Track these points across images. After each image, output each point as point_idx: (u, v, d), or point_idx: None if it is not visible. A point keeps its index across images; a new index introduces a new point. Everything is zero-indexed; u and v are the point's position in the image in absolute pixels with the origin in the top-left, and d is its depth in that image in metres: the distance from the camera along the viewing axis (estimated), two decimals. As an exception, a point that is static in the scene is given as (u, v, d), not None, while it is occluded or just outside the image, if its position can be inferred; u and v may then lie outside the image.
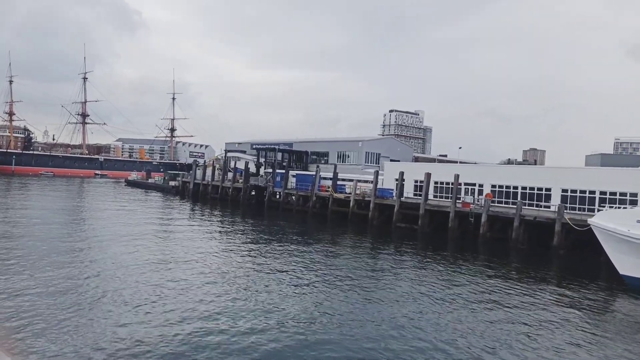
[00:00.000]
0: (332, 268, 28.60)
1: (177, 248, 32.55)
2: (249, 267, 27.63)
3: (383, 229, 48.16)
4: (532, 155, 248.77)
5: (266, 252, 32.77)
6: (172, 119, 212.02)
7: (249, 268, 27.26)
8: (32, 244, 30.47)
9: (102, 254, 28.60)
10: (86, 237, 34.88)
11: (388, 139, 73.83)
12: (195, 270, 25.80)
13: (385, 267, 30.14)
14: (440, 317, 19.84)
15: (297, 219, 56.38)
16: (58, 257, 26.76)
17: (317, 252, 34.41)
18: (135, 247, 31.82)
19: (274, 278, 25.19)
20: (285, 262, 29.80)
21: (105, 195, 79.43)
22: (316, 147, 76.95)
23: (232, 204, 70.14)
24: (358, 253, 35.22)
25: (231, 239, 38.77)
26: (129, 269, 25.22)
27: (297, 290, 22.82)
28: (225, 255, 31.19)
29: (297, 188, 61.35)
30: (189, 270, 25.74)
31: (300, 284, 24.25)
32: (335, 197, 55.03)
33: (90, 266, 25.26)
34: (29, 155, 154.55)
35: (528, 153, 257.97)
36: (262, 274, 25.88)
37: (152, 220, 48.35)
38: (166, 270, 25.57)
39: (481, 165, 49.41)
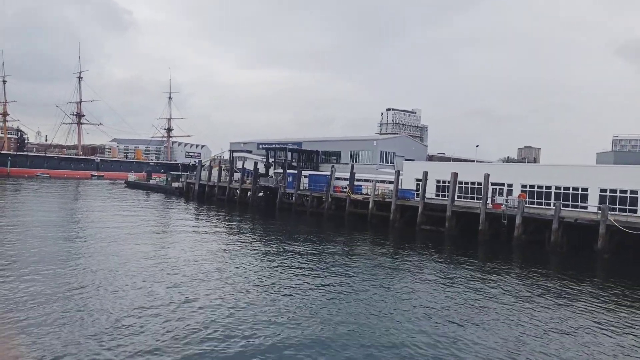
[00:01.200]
0: (354, 274, 26.92)
1: (190, 254, 30.60)
2: (267, 272, 26.29)
3: (406, 232, 45.97)
4: (528, 153, 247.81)
5: (284, 257, 31.07)
6: (169, 119, 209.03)
7: (267, 273, 25.91)
8: (43, 252, 28.51)
9: (111, 261, 26.84)
10: (93, 243, 32.69)
11: (402, 137, 71.61)
12: (212, 278, 24.27)
13: (413, 272, 28.43)
14: (482, 336, 17.51)
15: (312, 221, 54.10)
16: (67, 266, 25.03)
17: (337, 256, 32.58)
18: (147, 253, 30.07)
19: (295, 285, 23.69)
20: (307, 267, 28.24)
21: (107, 198, 76.72)
22: (327, 146, 74.53)
23: (241, 205, 67.75)
24: (382, 257, 33.25)
25: (245, 243, 36.75)
26: (143, 276, 23.72)
27: (321, 300, 21.31)
28: (241, 259, 29.56)
29: (310, 189, 58.90)
30: (204, 278, 24.16)
31: (325, 292, 22.67)
32: (353, 199, 52.65)
33: (101, 275, 23.58)
34: (24, 157, 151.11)
35: (523, 151, 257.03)
36: (280, 280, 24.48)
37: (160, 224, 46.35)
38: (180, 277, 24.08)
39: (511, 164, 47.18)
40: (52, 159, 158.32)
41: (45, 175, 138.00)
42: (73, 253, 28.57)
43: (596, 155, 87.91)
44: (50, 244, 31.28)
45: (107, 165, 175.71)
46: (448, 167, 49.43)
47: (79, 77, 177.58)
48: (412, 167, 52.04)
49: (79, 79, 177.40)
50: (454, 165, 50.34)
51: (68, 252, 28.85)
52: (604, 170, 39.09)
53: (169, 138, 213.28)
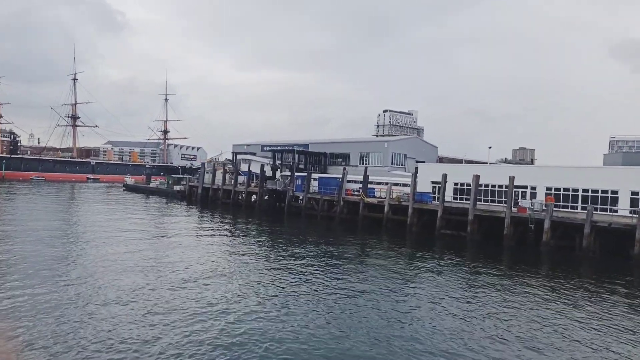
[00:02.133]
0: (372, 281, 25.76)
1: (199, 261, 29.43)
2: (280, 279, 25.36)
3: (424, 236, 44.38)
4: (522, 154, 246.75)
5: (298, 263, 29.92)
6: (165, 121, 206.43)
7: (281, 280, 24.98)
8: (44, 260, 27.18)
9: (116, 271, 25.50)
10: (97, 252, 31.18)
11: (413, 139, 69.96)
12: (223, 287, 23.21)
13: (436, 280, 27.11)
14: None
15: (323, 225, 52.38)
16: (74, 276, 23.69)
17: (353, 262, 31.34)
18: (154, 259, 28.85)
19: (311, 294, 22.64)
20: (322, 274, 27.17)
21: (107, 202, 74.61)
22: (335, 148, 72.71)
23: (247, 209, 65.80)
24: (400, 263, 32.03)
25: (256, 249, 35.50)
26: (152, 286, 22.57)
27: (337, 311, 20.15)
28: (254, 266, 28.64)
29: (321, 192, 57.07)
30: (216, 287, 23.09)
31: (342, 302, 21.52)
32: (367, 202, 50.90)
33: (108, 285, 22.34)
34: (18, 160, 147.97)
35: (518, 152, 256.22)
36: (295, 288, 23.44)
37: (165, 229, 44.82)
38: (195, 286, 23.01)
39: (535, 166, 45.65)
40: (47, 162, 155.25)
41: (41, 178, 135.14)
42: (76, 262, 27.24)
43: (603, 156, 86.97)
44: (52, 251, 29.91)
45: (102, 168, 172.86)
46: (467, 169, 47.85)
47: (73, 79, 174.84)
48: (428, 170, 50.41)
49: (73, 81, 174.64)
50: (473, 168, 48.78)
51: (70, 259, 27.62)
52: (635, 172, 37.58)
53: (165, 140, 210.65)
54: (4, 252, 29.28)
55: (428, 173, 49.87)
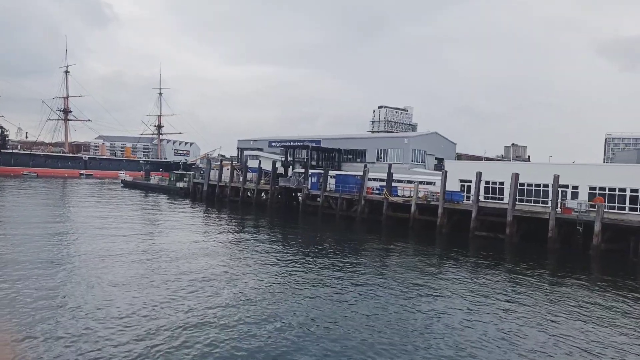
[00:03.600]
0: (401, 287, 23.65)
1: (215, 264, 27.13)
2: (300, 283, 23.61)
3: (456, 238, 41.81)
4: (514, 151, 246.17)
5: (319, 266, 27.90)
6: (159, 115, 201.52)
7: (300, 285, 23.28)
8: (47, 264, 24.73)
9: (127, 278, 22.95)
10: (107, 252, 28.74)
11: (433, 135, 67.13)
12: (240, 293, 21.25)
13: (474, 287, 24.69)
14: None
15: (342, 225, 49.62)
16: (85, 281, 21.12)
17: (381, 266, 29.37)
18: (168, 265, 26.31)
19: (335, 301, 20.75)
20: (345, 278, 25.17)
21: (106, 200, 71.13)
22: (350, 144, 69.72)
23: (257, 208, 62.60)
24: (432, 267, 29.86)
25: (275, 251, 32.95)
26: (167, 293, 20.51)
27: (362, 320, 18.32)
28: (273, 269, 26.66)
29: (339, 190, 54.13)
30: (235, 292, 21.19)
31: (369, 310, 19.56)
32: (392, 201, 48.06)
33: (123, 292, 20.07)
34: (8, 155, 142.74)
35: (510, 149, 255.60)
36: (316, 295, 21.53)
37: (178, 230, 41.80)
38: (204, 289, 21.26)
39: (578, 164, 43.09)
40: (38, 157, 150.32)
41: (32, 174, 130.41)
42: (77, 266, 24.92)
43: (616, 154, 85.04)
44: (55, 255, 27.38)
45: (95, 163, 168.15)
46: (502, 167, 45.30)
47: (65, 72, 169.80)
48: (456, 167, 47.71)
49: (65, 73, 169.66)
50: (510, 166, 46.16)
51: (72, 262, 25.59)
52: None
53: (159, 135, 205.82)
54: (20, 253, 26.16)
55: (456, 171, 47.11)
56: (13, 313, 16.90)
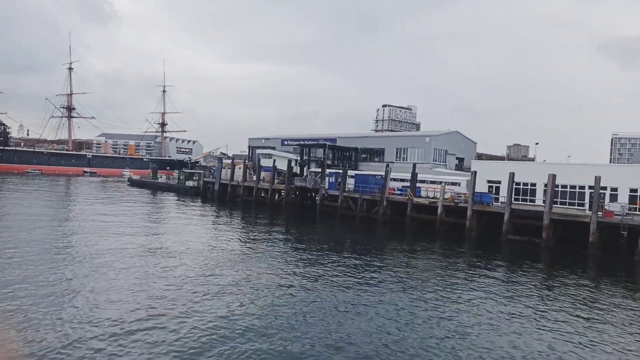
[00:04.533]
0: (430, 295, 21.95)
1: (237, 271, 25.17)
2: (322, 288, 22.23)
3: (486, 242, 40.07)
4: (517, 150, 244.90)
5: (348, 271, 26.38)
6: (163, 113, 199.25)
7: (323, 290, 21.74)
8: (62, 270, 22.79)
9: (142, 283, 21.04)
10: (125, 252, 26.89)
11: (454, 134, 65.15)
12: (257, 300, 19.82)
13: (513, 293, 23.25)
14: None
15: (363, 227, 47.80)
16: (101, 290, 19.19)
17: (409, 271, 27.56)
18: (179, 267, 24.81)
19: (366, 311, 19.11)
20: (372, 284, 23.66)
21: (115, 199, 69.14)
22: (367, 143, 67.75)
23: (272, 208, 60.69)
24: (465, 272, 28.14)
25: (295, 254, 31.27)
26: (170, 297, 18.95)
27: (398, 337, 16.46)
28: (300, 274, 24.91)
29: (359, 190, 52.22)
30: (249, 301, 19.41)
31: (401, 325, 17.73)
32: (417, 203, 46.15)
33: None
34: (11, 152, 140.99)
35: (512, 148, 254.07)
36: (348, 303, 19.99)
37: (193, 231, 40.12)
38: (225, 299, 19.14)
39: (618, 165, 41.13)
40: (42, 155, 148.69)
41: (37, 171, 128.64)
42: (82, 269, 23.13)
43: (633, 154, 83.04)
44: (64, 256, 25.80)
45: (99, 161, 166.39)
46: (534, 167, 43.41)
47: (69, 68, 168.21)
48: (484, 167, 45.80)
49: (69, 70, 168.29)
50: (544, 166, 44.24)
51: (78, 266, 23.68)
52: None
53: (163, 133, 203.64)
54: (35, 254, 24.45)
55: (483, 171, 45.18)
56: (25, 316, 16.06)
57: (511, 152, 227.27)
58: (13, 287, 19.19)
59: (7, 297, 17.87)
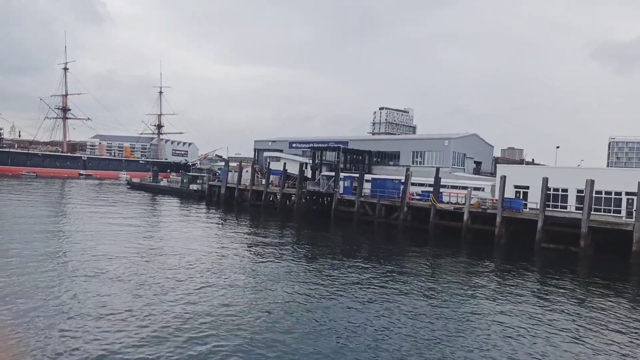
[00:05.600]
0: (464, 307, 20.71)
1: (254, 282, 23.67)
2: (343, 300, 21.19)
3: (517, 250, 38.30)
4: (511, 154, 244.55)
5: (370, 282, 24.81)
6: (159, 115, 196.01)
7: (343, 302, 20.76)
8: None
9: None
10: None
11: (472, 137, 63.06)
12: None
13: (553, 308, 21.56)
14: None
15: (382, 234, 45.88)
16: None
17: (436, 282, 26.01)
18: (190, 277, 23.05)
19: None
20: (396, 296, 21.30)
21: (118, 204, 66.39)
22: (381, 146, 65.53)
23: (283, 213, 58.26)
24: (496, 284, 26.56)
25: (312, 262, 29.95)
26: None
27: None
28: (313, 282, 23.71)
29: (376, 195, 49.99)
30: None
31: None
32: (440, 208, 44.02)
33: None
34: (5, 153, 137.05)
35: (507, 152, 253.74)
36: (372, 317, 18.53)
37: (203, 238, 38.82)
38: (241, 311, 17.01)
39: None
40: (36, 156, 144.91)
41: (32, 174, 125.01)
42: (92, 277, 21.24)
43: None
44: (68, 266, 24.23)
45: (95, 163, 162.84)
46: (568, 172, 41.44)
47: (64, 69, 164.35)
48: (511, 172, 43.74)
49: (64, 70, 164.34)
50: (580, 172, 42.32)
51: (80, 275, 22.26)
52: None
53: (159, 135, 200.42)
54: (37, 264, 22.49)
55: (510, 175, 43.10)
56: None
57: (505, 156, 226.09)
58: (32, 307, 17.17)
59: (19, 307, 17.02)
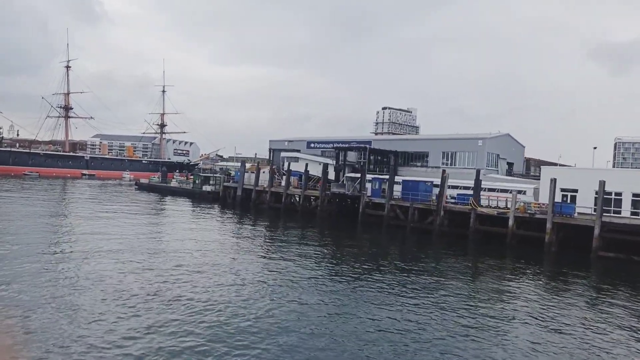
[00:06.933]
0: (513, 320, 19.56)
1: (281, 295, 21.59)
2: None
3: (570, 258, 35.77)
4: None
5: (406, 291, 23.26)
6: (162, 114, 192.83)
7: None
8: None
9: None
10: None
11: (505, 137, 60.06)
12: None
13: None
14: None
15: (414, 240, 43.02)
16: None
17: (477, 292, 24.38)
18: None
19: None
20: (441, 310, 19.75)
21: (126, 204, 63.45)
22: (407, 146, 62.48)
23: (304, 216, 55.30)
24: (553, 295, 24.56)
25: (345, 270, 27.64)
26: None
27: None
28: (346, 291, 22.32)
29: (408, 198, 47.10)
30: None
31: None
32: (481, 213, 41.13)
33: None
34: (6, 153, 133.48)
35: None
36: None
37: (227, 243, 35.81)
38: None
39: None
40: (38, 156, 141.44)
41: (34, 174, 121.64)
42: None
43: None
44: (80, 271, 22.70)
45: (97, 163, 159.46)
46: (624, 175, 38.55)
47: (66, 67, 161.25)
48: (557, 174, 40.77)
49: (66, 68, 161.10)
50: (635, 174, 39.44)
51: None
52: None
53: (162, 134, 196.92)
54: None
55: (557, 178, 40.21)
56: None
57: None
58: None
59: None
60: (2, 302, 17.90)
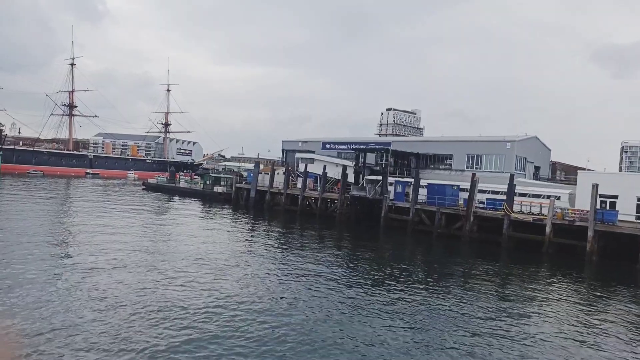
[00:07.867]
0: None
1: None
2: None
3: (613, 269, 33.66)
4: None
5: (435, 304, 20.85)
6: (167, 113, 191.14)
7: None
8: None
9: None
10: None
11: (533, 140, 57.88)
12: None
13: None
14: None
15: (442, 245, 41.16)
16: None
17: (513, 303, 22.59)
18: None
19: None
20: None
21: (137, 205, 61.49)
22: (430, 148, 60.25)
23: (322, 220, 53.20)
24: (600, 310, 22.75)
25: (372, 278, 25.52)
26: None
27: None
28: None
29: (434, 202, 45.04)
30: None
31: None
32: (516, 219, 39.07)
33: None
34: (10, 151, 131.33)
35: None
36: None
37: (249, 248, 33.84)
38: None
39: None
40: (41, 154, 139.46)
41: (39, 172, 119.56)
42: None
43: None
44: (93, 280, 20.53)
45: (101, 162, 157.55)
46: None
47: (71, 64, 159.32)
48: (596, 179, 38.57)
49: (71, 66, 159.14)
50: None
51: None
52: None
53: (166, 134, 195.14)
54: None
55: (592, 183, 38.13)
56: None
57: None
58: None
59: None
60: (3, 303, 17.43)
